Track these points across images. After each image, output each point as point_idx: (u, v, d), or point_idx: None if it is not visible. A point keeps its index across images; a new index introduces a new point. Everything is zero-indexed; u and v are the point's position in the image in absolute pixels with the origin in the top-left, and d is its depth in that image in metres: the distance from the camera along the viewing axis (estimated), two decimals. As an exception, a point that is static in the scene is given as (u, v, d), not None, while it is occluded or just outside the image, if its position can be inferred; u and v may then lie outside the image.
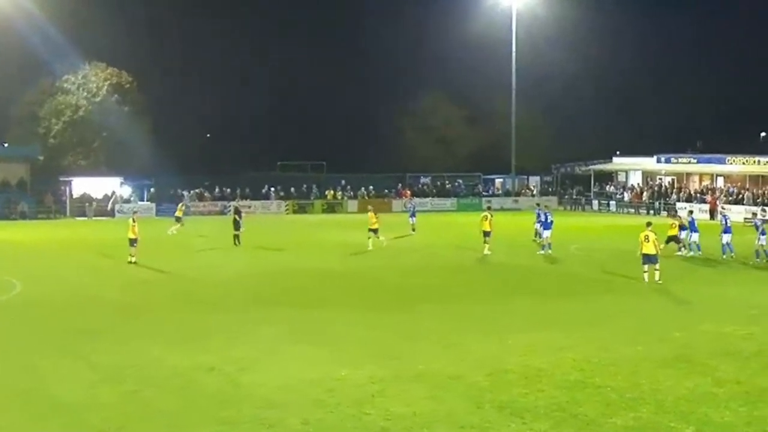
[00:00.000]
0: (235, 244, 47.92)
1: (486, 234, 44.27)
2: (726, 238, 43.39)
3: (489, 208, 48.75)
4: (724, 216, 45.33)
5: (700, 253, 44.06)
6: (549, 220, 45.71)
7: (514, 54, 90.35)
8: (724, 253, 43.25)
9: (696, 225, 44.70)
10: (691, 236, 44.29)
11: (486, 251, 43.88)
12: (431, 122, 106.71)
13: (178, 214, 55.47)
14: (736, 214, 67.01)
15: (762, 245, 42.19)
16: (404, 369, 20.05)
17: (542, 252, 44.56)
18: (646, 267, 34.06)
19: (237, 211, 50.49)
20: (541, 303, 29.99)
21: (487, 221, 44.55)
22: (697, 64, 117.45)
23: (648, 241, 33.82)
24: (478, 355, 21.53)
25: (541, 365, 20.38)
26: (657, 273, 33.85)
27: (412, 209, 58.18)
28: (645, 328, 25.16)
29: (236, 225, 48.87)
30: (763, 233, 42.18)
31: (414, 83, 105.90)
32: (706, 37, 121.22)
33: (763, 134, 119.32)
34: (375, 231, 46.17)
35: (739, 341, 23.47)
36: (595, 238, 54.91)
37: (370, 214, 47.01)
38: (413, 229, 55.53)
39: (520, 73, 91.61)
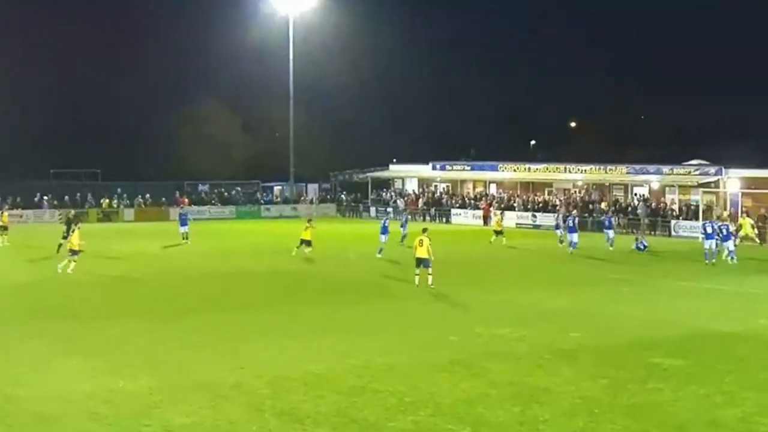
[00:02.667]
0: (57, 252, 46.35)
1: (305, 242, 46.87)
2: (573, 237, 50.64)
3: (310, 220, 49.85)
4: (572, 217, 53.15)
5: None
6: (385, 225, 49.99)
7: (291, 62, 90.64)
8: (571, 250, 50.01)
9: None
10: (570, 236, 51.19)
11: (293, 253, 46.50)
12: (209, 130, 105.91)
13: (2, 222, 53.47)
14: (509, 219, 69.16)
15: (576, 241, 50.15)
16: (184, 379, 19.82)
17: (379, 255, 46.68)
18: (418, 270, 34.87)
19: (69, 221, 49.55)
20: (320, 309, 30.09)
21: (307, 231, 47.15)
22: (470, 73, 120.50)
23: (422, 246, 34.66)
24: (258, 362, 21.46)
25: (321, 371, 20.47)
26: (430, 278, 34.52)
27: (184, 218, 56.54)
28: (422, 333, 25.61)
29: (67, 234, 47.51)
30: (573, 231, 50.43)
31: (191, 90, 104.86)
32: (477, 46, 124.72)
33: (533, 142, 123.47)
34: None
35: (511, 343, 24.14)
36: (374, 244, 55.47)
37: None
38: (185, 238, 54.47)
39: (297, 81, 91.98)
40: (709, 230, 46.04)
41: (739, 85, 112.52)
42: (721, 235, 45.94)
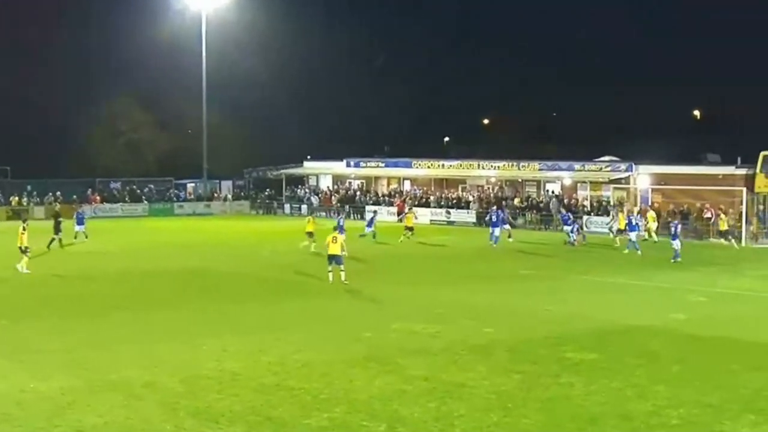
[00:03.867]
0: (61, 246, 48.39)
1: (309, 234, 47.96)
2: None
3: (313, 212, 49.76)
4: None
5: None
6: (341, 224, 48.90)
7: (204, 58, 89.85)
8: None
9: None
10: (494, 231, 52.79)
11: (304, 245, 47.67)
12: (120, 126, 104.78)
13: None
14: (423, 216, 69.45)
15: (497, 235, 52.11)
16: (97, 378, 19.58)
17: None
18: (330, 267, 35.21)
19: (57, 215, 51.00)
20: (234, 307, 29.97)
21: (310, 223, 49.01)
22: (384, 70, 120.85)
23: (335, 242, 35.08)
24: (172, 361, 21.30)
25: (235, 369, 20.38)
26: (342, 274, 34.88)
27: (81, 217, 54.71)
28: (337, 330, 25.64)
29: (57, 229, 49.03)
30: (495, 225, 52.31)
31: (103, 87, 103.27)
32: (391, 44, 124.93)
33: (446, 139, 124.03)
34: None
35: (427, 339, 24.26)
36: (288, 241, 55.36)
37: None
38: (86, 236, 53.20)
39: (210, 77, 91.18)
40: (634, 222, 50.10)
41: (649, 83, 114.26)
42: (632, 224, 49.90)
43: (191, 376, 19.81)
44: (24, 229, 39.82)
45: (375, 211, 65.67)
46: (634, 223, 50.08)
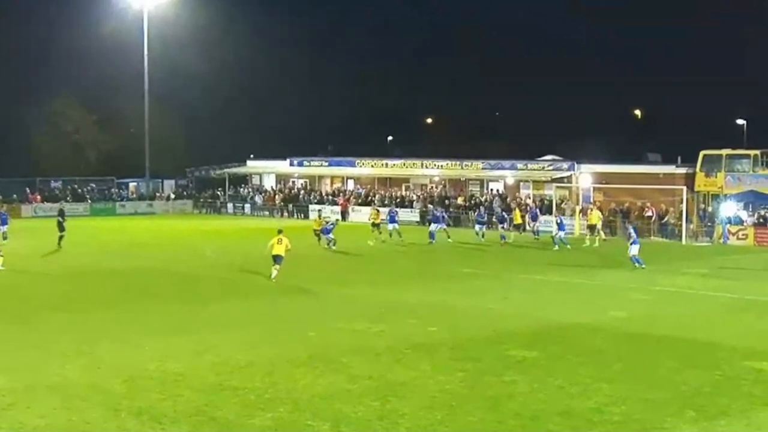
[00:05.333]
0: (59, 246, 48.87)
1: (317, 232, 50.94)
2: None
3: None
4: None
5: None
6: (334, 222, 52.21)
7: (146, 57, 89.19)
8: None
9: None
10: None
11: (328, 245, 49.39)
12: (61, 126, 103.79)
13: None
14: (366, 215, 69.34)
15: (433, 231, 54.54)
16: (36, 380, 19.37)
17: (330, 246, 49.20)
18: (273, 266, 35.80)
19: (61, 213, 52.22)
20: (177, 307, 29.78)
21: (317, 222, 52.67)
22: (327, 70, 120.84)
23: (281, 243, 35.67)
24: (114, 362, 21.12)
25: (178, 370, 20.25)
26: (276, 272, 35.47)
27: (4, 217, 52.86)
28: (281, 329, 25.57)
29: (60, 227, 49.82)
30: (436, 222, 55.61)
31: (43, 85, 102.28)
32: (334, 43, 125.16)
33: (390, 138, 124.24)
34: None
35: (370, 338, 24.28)
36: (231, 241, 55.24)
37: None
38: (5, 238, 52.32)
39: (153, 76, 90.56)
40: (563, 222, 53.29)
41: (591, 83, 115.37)
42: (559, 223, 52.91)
43: (133, 376, 19.66)
44: None
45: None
46: (562, 223, 52.93)
